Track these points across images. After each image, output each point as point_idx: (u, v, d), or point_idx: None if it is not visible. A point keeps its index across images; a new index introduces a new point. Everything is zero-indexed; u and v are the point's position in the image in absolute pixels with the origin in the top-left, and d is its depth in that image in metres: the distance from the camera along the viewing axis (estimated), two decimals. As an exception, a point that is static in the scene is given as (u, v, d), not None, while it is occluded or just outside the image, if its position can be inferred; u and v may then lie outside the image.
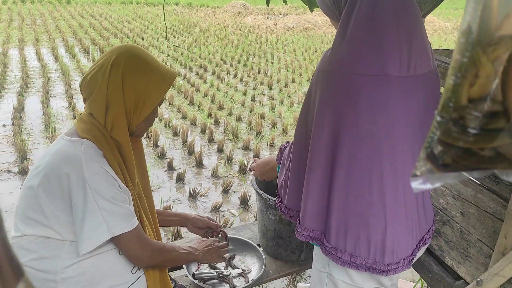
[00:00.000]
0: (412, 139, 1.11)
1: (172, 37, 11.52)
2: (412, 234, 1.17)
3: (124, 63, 1.21)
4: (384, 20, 1.05)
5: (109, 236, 1.18)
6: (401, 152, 1.09)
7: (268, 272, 1.67)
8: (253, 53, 10.22)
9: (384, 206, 1.10)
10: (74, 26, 12.05)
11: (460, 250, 1.44)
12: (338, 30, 1.10)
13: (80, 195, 1.15)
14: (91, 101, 1.23)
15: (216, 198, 3.65)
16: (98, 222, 1.16)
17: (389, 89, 1.05)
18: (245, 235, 1.85)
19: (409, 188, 1.13)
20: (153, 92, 1.25)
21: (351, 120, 1.06)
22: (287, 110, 6.13)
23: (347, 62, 1.06)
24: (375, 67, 1.04)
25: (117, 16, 14.91)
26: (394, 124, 1.07)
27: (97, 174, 1.16)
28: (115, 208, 1.18)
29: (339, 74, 1.07)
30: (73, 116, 5.24)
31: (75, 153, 1.17)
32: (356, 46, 1.06)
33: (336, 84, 1.08)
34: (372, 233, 1.11)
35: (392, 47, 1.04)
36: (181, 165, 4.25)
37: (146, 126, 1.33)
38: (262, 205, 1.69)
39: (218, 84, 7.18)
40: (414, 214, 1.17)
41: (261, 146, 4.75)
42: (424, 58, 1.11)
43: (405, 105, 1.08)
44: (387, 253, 1.13)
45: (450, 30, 15.79)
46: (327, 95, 1.09)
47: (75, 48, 9.26)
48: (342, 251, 1.14)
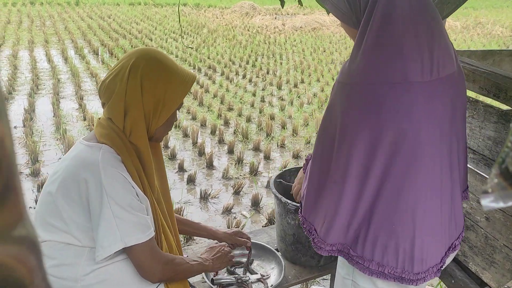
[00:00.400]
0: (439, 142, 1.08)
1: (180, 38, 11.53)
2: (442, 241, 1.14)
3: (143, 67, 1.19)
4: (402, 25, 1.02)
5: (122, 245, 1.15)
6: (430, 157, 1.06)
7: (287, 277, 1.64)
8: (261, 54, 10.20)
9: (413, 214, 1.07)
10: (83, 27, 12.11)
11: (484, 255, 1.41)
12: (357, 40, 1.07)
13: (97, 201, 1.13)
14: (109, 105, 1.21)
15: (227, 200, 3.63)
16: (112, 230, 1.13)
17: (413, 96, 1.02)
18: (263, 240, 1.82)
19: (437, 193, 1.10)
20: (172, 95, 1.23)
21: (377, 130, 1.03)
22: (297, 111, 6.10)
23: (368, 72, 1.03)
24: (397, 75, 1.01)
25: (125, 17, 14.97)
26: (420, 130, 1.04)
27: (114, 180, 1.15)
28: (130, 217, 1.16)
29: (360, 85, 1.04)
30: (83, 118, 5.26)
31: (93, 158, 1.16)
32: (375, 54, 1.03)
33: (358, 96, 1.05)
34: (400, 241, 1.08)
35: (413, 52, 1.01)
36: (192, 167, 4.24)
37: (165, 130, 1.31)
38: (281, 209, 1.67)
39: (227, 85, 7.17)
40: (444, 220, 1.13)
41: (272, 147, 4.73)
42: (447, 59, 1.08)
43: (430, 109, 1.05)
44: (416, 262, 1.09)
45: (460, 30, 15.65)
46: (350, 108, 1.06)
47: (84, 49, 9.31)
48: (369, 260, 1.11)
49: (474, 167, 1.45)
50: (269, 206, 3.56)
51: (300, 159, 4.54)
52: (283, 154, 4.67)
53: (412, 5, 1.04)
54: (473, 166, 1.45)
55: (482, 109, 1.41)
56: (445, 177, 1.11)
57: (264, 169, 4.29)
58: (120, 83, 1.18)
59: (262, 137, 5.02)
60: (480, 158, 1.44)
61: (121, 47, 9.73)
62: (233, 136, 5.09)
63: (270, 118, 5.65)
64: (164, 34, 11.95)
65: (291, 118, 5.75)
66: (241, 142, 4.90)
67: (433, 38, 1.04)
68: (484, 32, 14.99)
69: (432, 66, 1.03)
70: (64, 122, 5.08)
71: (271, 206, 3.55)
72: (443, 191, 1.11)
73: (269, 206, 3.57)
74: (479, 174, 1.41)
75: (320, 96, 6.66)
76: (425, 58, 1.02)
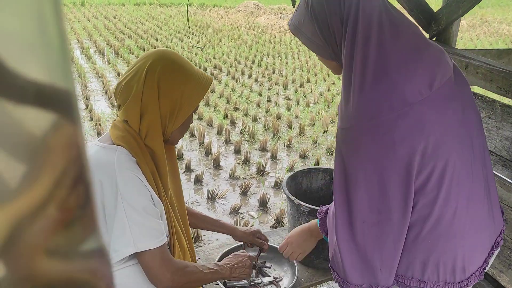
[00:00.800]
0: (463, 146, 1.05)
1: (185, 38, 11.53)
2: (482, 243, 1.11)
3: (160, 69, 1.17)
4: (386, 54, 0.99)
5: (134, 250, 1.13)
6: (455, 163, 1.03)
7: (300, 280, 1.62)
8: (267, 53, 10.17)
9: (449, 225, 1.04)
10: (88, 27, 12.14)
11: (502, 258, 1.38)
12: (344, 80, 1.05)
13: (111, 203, 1.12)
14: (125, 108, 1.20)
15: (234, 200, 3.62)
16: (125, 234, 1.12)
17: (418, 117, 0.99)
18: (274, 241, 1.80)
19: (474, 197, 1.07)
20: (189, 98, 1.22)
21: (400, 161, 1.00)
22: (303, 111, 6.07)
23: (366, 110, 1.00)
24: (396, 105, 0.98)
25: (130, 17, 15.00)
26: (438, 143, 1.01)
27: (129, 182, 1.14)
28: (144, 221, 1.14)
29: (363, 126, 1.01)
30: (90, 118, 5.26)
31: (108, 159, 1.15)
32: (368, 91, 1.00)
33: (365, 137, 1.02)
34: (440, 256, 1.05)
35: (404, 74, 0.99)
36: (199, 167, 4.23)
37: (181, 133, 1.29)
38: (294, 211, 1.65)
39: (233, 85, 7.16)
40: (482, 222, 1.10)
41: (278, 147, 4.71)
42: (441, 65, 1.05)
43: (441, 119, 1.02)
44: (458, 272, 1.07)
45: (466, 28, 15.55)
46: (362, 150, 1.04)
47: (90, 49, 9.33)
48: (409, 278, 1.08)
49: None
50: (277, 207, 3.55)
51: (307, 159, 4.52)
52: (290, 154, 4.65)
53: (388, 28, 1.01)
54: (490, 167, 1.43)
55: (500, 109, 1.38)
56: (477, 177, 1.08)
57: (271, 169, 4.28)
58: (136, 86, 1.17)
59: (268, 137, 5.01)
60: (497, 159, 1.41)
61: (126, 47, 9.75)
62: (239, 136, 5.07)
63: (277, 117, 5.63)
64: (170, 34, 11.95)
65: (297, 118, 5.73)
66: (248, 142, 4.88)
67: (419, 51, 1.02)
68: (490, 31, 14.88)
69: (429, 80, 1.00)
70: (71, 122, 5.08)
71: (278, 207, 3.53)
72: (479, 194, 1.08)
73: (276, 207, 3.55)
74: (496, 176, 1.38)
75: (327, 95, 6.63)
76: (419, 75, 0.99)
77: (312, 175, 1.92)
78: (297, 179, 1.88)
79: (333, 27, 1.05)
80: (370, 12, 1.01)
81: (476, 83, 1.45)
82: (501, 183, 1.36)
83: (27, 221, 0.20)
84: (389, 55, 0.99)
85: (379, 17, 1.01)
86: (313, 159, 4.51)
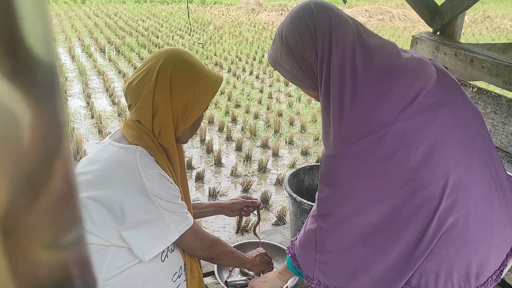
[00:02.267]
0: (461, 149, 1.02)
1: (186, 35, 11.51)
2: (498, 246, 1.07)
3: (171, 69, 1.17)
4: (360, 80, 0.99)
5: (179, 234, 1.21)
6: (458, 169, 1.00)
7: (302, 280, 1.60)
8: (268, 50, 10.13)
9: (458, 232, 1.01)
10: (89, 25, 12.12)
11: (509, 257, 1.36)
12: (323, 111, 1.06)
13: (140, 202, 1.14)
14: (137, 108, 1.19)
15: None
16: (165, 223, 1.18)
17: (401, 133, 0.98)
18: (276, 239, 1.79)
19: (483, 201, 1.03)
20: (201, 97, 1.22)
21: (386, 180, 0.99)
22: (305, 107, 6.05)
23: (346, 139, 1.01)
24: (374, 127, 0.98)
25: (131, 15, 14.96)
26: (430, 154, 0.99)
27: (155, 179, 1.16)
28: (176, 207, 1.21)
29: (346, 153, 1.02)
30: (91, 116, 5.25)
31: (130, 160, 1.15)
32: (345, 120, 1.00)
33: (349, 162, 1.02)
34: (452, 265, 1.02)
35: (380, 99, 0.98)
36: (200, 164, 4.21)
37: (191, 132, 1.30)
38: (295, 209, 1.63)
39: (234, 82, 7.13)
40: (496, 224, 1.06)
41: (280, 144, 4.69)
42: (421, 77, 1.03)
43: (429, 130, 1.00)
44: (473, 279, 1.04)
45: (468, 24, 15.47)
46: (349, 175, 1.04)
47: (91, 47, 9.31)
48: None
49: (497, 164, 1.39)
50: (279, 204, 3.53)
51: (309, 155, 4.50)
52: (292, 151, 4.62)
53: (360, 53, 1.01)
54: (495, 163, 1.40)
55: (505, 104, 1.36)
56: (485, 178, 1.05)
57: (272, 166, 4.26)
58: (148, 86, 1.16)
59: (270, 134, 4.98)
60: (503, 155, 1.38)
61: (127, 44, 9.72)
62: (241, 133, 5.05)
63: (278, 114, 5.61)
64: (171, 32, 11.92)
65: (299, 115, 5.70)
66: (249, 139, 4.86)
67: (392, 70, 1.00)
68: (492, 26, 14.80)
69: (408, 96, 0.99)
70: (72, 120, 5.07)
71: (280, 204, 3.52)
72: (489, 196, 1.05)
73: (278, 204, 3.53)
74: (502, 172, 1.35)
75: (328, 92, 6.59)
76: (395, 95, 0.98)
77: (314, 172, 1.90)
78: (299, 176, 1.86)
79: (309, 59, 1.06)
80: (343, 40, 1.01)
81: (482, 78, 1.42)
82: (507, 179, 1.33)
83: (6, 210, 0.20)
84: (362, 81, 0.99)
85: (352, 43, 1.01)
86: (314, 156, 4.49)
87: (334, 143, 1.03)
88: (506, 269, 1.12)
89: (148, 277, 1.21)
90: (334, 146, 1.04)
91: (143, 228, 1.15)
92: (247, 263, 1.47)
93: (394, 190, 1.00)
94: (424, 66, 1.05)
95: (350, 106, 0.99)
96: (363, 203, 1.04)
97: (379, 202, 1.02)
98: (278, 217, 3.27)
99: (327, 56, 1.02)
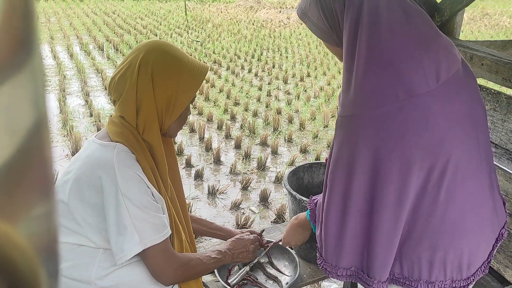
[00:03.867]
0: (466, 140, 1.02)
1: (185, 33, 11.48)
2: (487, 238, 1.09)
3: (153, 62, 1.14)
4: (392, 40, 0.95)
5: (141, 248, 1.12)
6: (459, 159, 1.00)
7: (302, 276, 1.60)
8: (266, 48, 10.12)
9: (453, 222, 1.02)
10: (87, 23, 12.09)
11: (507, 253, 1.36)
12: (346, 66, 1.01)
13: (112, 203, 1.10)
14: (121, 103, 1.17)
15: (235, 196, 3.60)
16: (130, 232, 1.11)
17: (425, 108, 0.96)
18: (276, 237, 1.78)
19: (479, 194, 1.04)
20: (185, 89, 1.19)
21: (401, 155, 0.97)
22: (304, 105, 6.04)
23: (368, 99, 0.97)
24: (400, 93, 0.94)
25: (129, 12, 14.93)
26: (442, 138, 0.98)
27: (130, 180, 1.11)
28: (147, 217, 1.13)
29: (364, 115, 0.98)
30: (90, 114, 5.24)
31: (107, 157, 1.12)
32: (371, 79, 0.96)
33: (366, 126, 0.99)
34: (446, 255, 1.03)
35: (411, 64, 0.95)
36: (199, 162, 4.21)
37: (178, 126, 1.27)
38: (295, 206, 1.63)
39: (233, 80, 7.12)
40: (487, 217, 1.08)
41: (279, 141, 4.69)
42: (450, 58, 1.01)
43: (447, 113, 0.99)
44: (464, 269, 1.05)
45: (467, 21, 15.46)
46: (362, 140, 1.01)
47: (90, 45, 9.28)
48: (416, 280, 1.06)
49: (497, 161, 1.39)
50: (278, 202, 3.53)
51: (308, 153, 4.50)
52: (291, 149, 4.62)
53: (396, 14, 0.97)
54: (495, 161, 1.40)
55: (505, 101, 1.36)
56: (481, 173, 1.05)
57: (271, 164, 4.25)
58: (130, 80, 1.14)
59: (269, 131, 4.98)
60: (503, 153, 1.38)
61: (126, 42, 9.70)
62: (240, 131, 5.05)
63: (277, 112, 5.60)
64: (169, 29, 11.90)
65: (298, 112, 5.70)
66: (248, 137, 4.86)
67: (429, 41, 0.98)
68: (491, 23, 14.80)
69: (436, 71, 0.96)
70: (71, 118, 5.06)
71: (279, 202, 3.51)
72: (484, 190, 1.06)
73: (277, 202, 3.53)
74: (501, 169, 1.36)
75: (327, 89, 6.59)
76: (426, 66, 0.96)
77: (314, 170, 1.90)
78: (298, 174, 1.86)
79: (337, 11, 1.02)
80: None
81: (481, 75, 1.42)
82: (507, 176, 1.33)
83: None
84: (399, 42, 0.96)
85: (389, 2, 0.98)
86: (314, 153, 4.49)
87: (354, 102, 0.99)
88: (492, 259, 1.13)
89: (141, 279, 1.19)
90: (353, 105, 1.00)
91: (112, 232, 1.11)
92: (227, 261, 1.39)
93: (398, 167, 0.98)
94: (453, 49, 1.04)
95: (379, 66, 0.95)
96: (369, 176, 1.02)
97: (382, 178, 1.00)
98: (277, 215, 3.27)
99: (357, 9, 0.97)
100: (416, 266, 1.05)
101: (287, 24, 14.09)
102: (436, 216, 1.01)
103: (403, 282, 1.08)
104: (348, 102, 1.01)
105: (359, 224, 1.06)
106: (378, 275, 1.07)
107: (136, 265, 1.17)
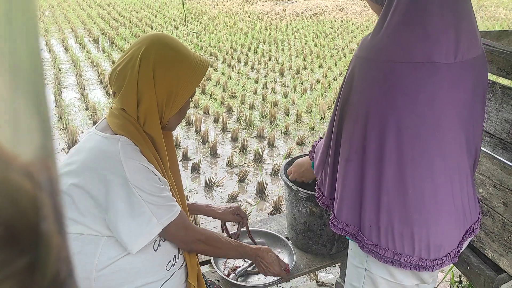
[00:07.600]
0: (459, 128, 1.05)
1: (181, 26, 11.42)
2: (459, 226, 1.12)
3: (154, 55, 1.14)
4: (429, 4, 0.97)
5: (161, 227, 1.17)
6: (448, 144, 1.03)
7: (299, 266, 1.61)
8: (263, 40, 10.09)
9: (429, 201, 1.04)
10: (82, 16, 12.00)
11: (502, 241, 1.37)
12: (381, 15, 1.03)
13: (121, 195, 1.11)
14: (121, 95, 1.17)
15: (232, 188, 3.61)
16: (147, 217, 1.14)
17: (435, 79, 0.98)
18: (273, 228, 1.79)
19: (456, 179, 1.07)
20: (186, 84, 1.19)
21: (396, 111, 1.00)
22: (300, 97, 6.04)
23: (389, 49, 0.99)
24: (419, 54, 0.97)
25: (125, 5, 14.82)
26: (441, 115, 1.00)
27: (137, 172, 1.13)
28: (159, 200, 1.17)
29: (382, 62, 1.00)
30: (85, 107, 5.22)
31: (112, 150, 1.13)
32: (399, 31, 0.99)
33: (379, 73, 1.01)
34: (416, 229, 1.05)
35: (438, 32, 0.97)
36: (196, 155, 4.21)
37: (178, 119, 1.27)
38: (291, 197, 1.63)
39: (229, 72, 7.10)
40: (460, 205, 1.10)
41: (275, 134, 4.69)
42: (473, 42, 1.03)
43: (452, 94, 1.01)
44: (432, 249, 1.07)
45: (463, 13, 15.44)
46: (370, 85, 1.03)
47: (85, 38, 9.22)
48: (384, 249, 1.09)
49: (491, 151, 1.40)
50: (275, 194, 3.54)
51: (304, 146, 4.50)
52: (287, 141, 4.63)
53: None
54: (489, 150, 1.41)
55: (500, 91, 1.36)
56: (461, 161, 1.08)
57: (268, 157, 4.26)
58: (131, 72, 1.14)
59: (265, 124, 4.98)
60: (497, 142, 1.39)
61: (121, 35, 9.64)
62: (236, 123, 5.04)
63: (273, 105, 5.60)
64: (165, 22, 11.83)
65: (294, 105, 5.69)
66: (245, 130, 4.86)
67: (460, 19, 0.99)
68: (487, 15, 14.79)
69: (456, 48, 0.99)
70: (66, 112, 5.04)
71: (276, 194, 3.53)
72: (461, 176, 1.09)
73: (274, 194, 3.54)
74: (496, 159, 1.36)
75: (323, 82, 6.59)
76: (450, 40, 0.98)
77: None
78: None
79: None
80: None
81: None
82: (501, 166, 1.34)
83: None
84: (433, 9, 0.97)
85: None
86: (310, 146, 4.49)
87: (378, 45, 1.01)
88: (461, 250, 1.16)
89: (142, 267, 1.20)
90: (374, 47, 1.02)
91: (126, 221, 1.13)
92: (250, 256, 1.42)
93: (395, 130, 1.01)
94: (478, 36, 1.06)
95: (411, 21, 0.98)
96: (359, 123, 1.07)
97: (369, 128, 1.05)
98: (274, 207, 3.28)
99: None
100: (389, 236, 1.08)
101: (283, 17, 14.03)
102: (411, 189, 1.04)
103: (370, 249, 1.11)
104: (371, 46, 1.03)
105: (347, 172, 1.13)
106: (344, 216, 1.15)
107: (138, 253, 1.18)
